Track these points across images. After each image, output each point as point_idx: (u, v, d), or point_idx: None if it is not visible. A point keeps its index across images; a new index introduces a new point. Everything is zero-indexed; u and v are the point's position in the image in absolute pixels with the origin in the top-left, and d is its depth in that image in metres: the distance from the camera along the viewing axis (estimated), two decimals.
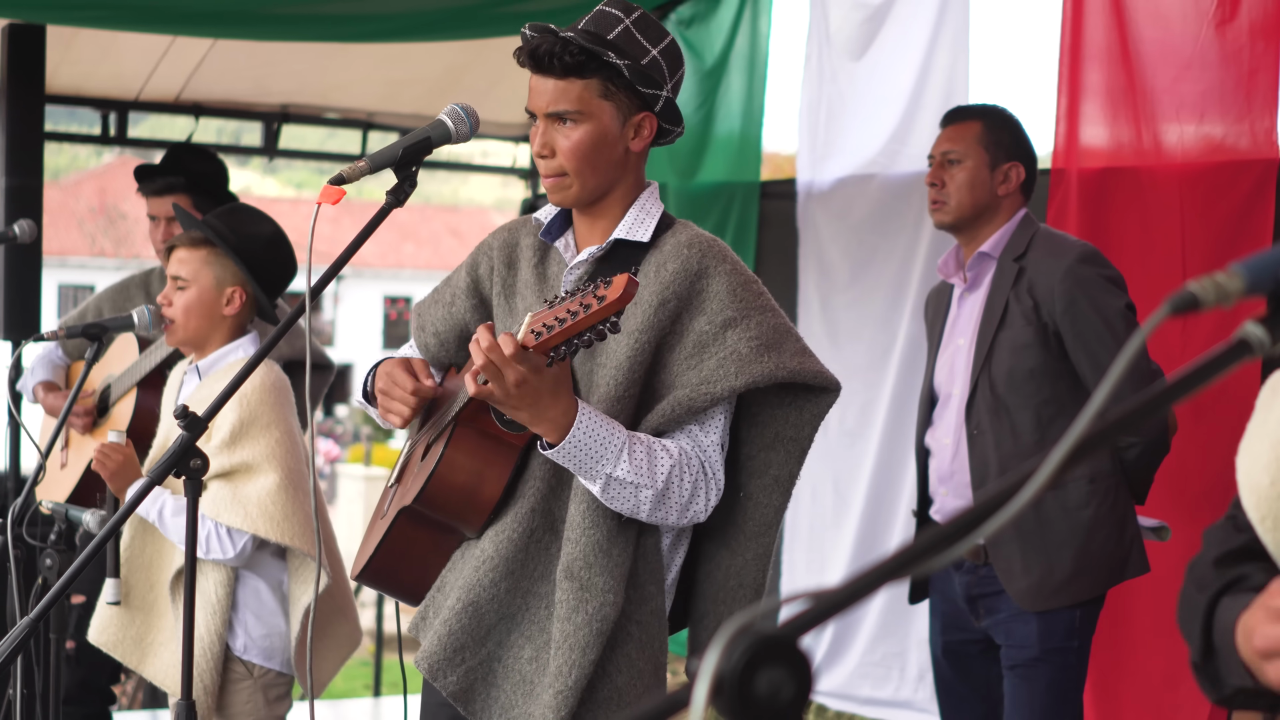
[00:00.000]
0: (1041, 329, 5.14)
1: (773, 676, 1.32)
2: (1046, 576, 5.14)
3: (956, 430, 5.30)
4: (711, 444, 3.59)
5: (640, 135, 3.65)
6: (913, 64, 7.57)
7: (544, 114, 3.61)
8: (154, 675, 5.09)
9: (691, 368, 3.56)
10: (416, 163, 3.48)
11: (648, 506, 3.49)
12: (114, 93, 9.12)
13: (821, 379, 3.63)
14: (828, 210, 8.00)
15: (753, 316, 3.58)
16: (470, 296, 3.96)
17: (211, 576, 4.89)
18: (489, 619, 3.67)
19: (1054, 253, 5.20)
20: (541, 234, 3.82)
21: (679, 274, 3.59)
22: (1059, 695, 5.19)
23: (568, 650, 3.53)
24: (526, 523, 3.64)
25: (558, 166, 3.62)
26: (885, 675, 7.62)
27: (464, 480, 3.64)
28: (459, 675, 3.69)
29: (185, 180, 6.52)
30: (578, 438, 3.37)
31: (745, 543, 3.67)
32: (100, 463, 4.88)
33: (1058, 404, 5.15)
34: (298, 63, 9.06)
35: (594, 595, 3.52)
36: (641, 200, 3.72)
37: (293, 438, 4.91)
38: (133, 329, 5.10)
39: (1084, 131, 6.61)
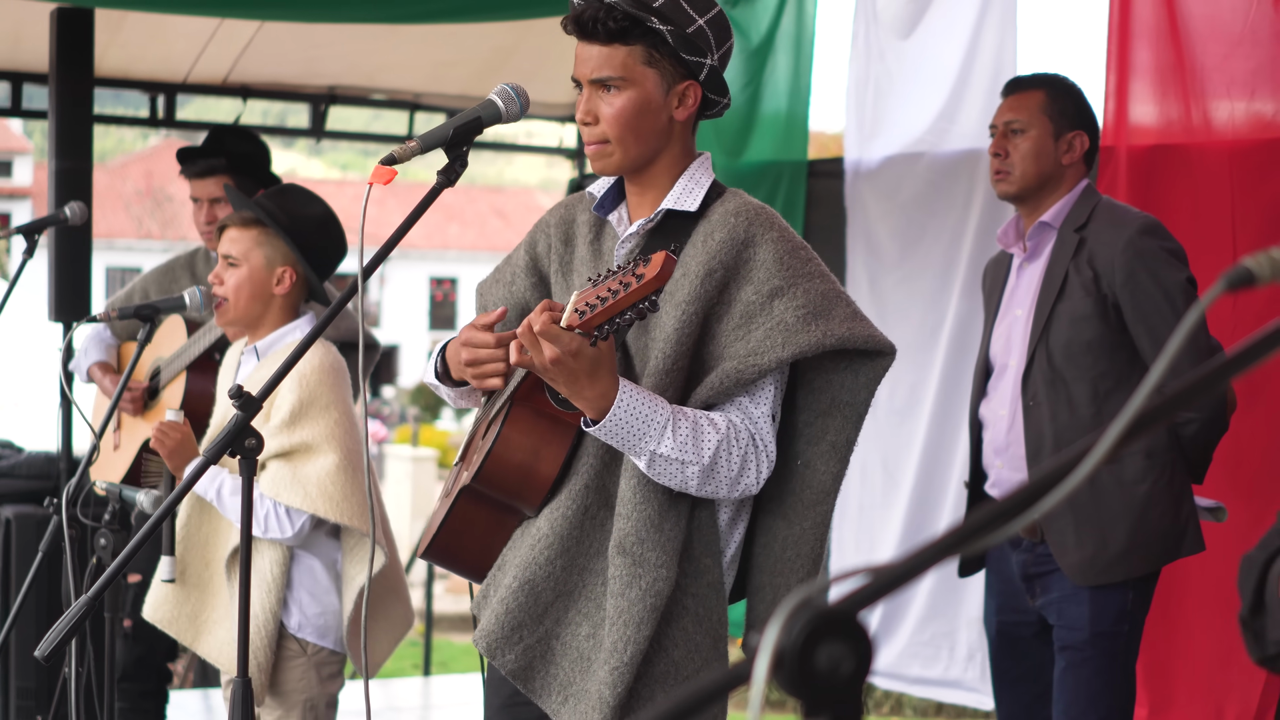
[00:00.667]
0: (1101, 300, 5.09)
1: (833, 651, 1.32)
2: (1100, 551, 5.11)
3: (1012, 402, 5.26)
4: (762, 415, 3.57)
5: (684, 104, 3.63)
6: (960, 42, 7.55)
7: (588, 81, 3.60)
8: (208, 653, 5.12)
9: (739, 339, 3.54)
10: (467, 142, 3.48)
11: (695, 481, 3.48)
12: (162, 75, 9.14)
13: (874, 342, 3.58)
14: (876, 189, 7.99)
15: (800, 284, 3.55)
16: (529, 274, 3.95)
17: (267, 555, 4.92)
18: (546, 597, 3.66)
19: (1116, 224, 5.16)
20: (594, 208, 3.81)
21: (725, 243, 3.57)
22: (1107, 680, 5.17)
23: (622, 626, 3.53)
24: (581, 499, 3.64)
25: (600, 134, 3.62)
26: (935, 655, 7.61)
27: (520, 459, 3.63)
28: (517, 653, 3.68)
29: (227, 162, 6.54)
30: (618, 416, 3.37)
31: (802, 511, 3.64)
32: (159, 441, 4.91)
33: (1115, 376, 5.11)
34: (345, 44, 9.07)
35: (647, 570, 3.52)
36: (691, 170, 3.70)
37: (351, 418, 4.93)
38: (184, 309, 5.13)
39: (1133, 109, 6.58)
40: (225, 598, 5.04)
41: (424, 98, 9.78)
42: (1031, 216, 5.32)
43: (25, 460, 7.93)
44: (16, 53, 8.60)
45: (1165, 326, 5.01)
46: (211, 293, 5.06)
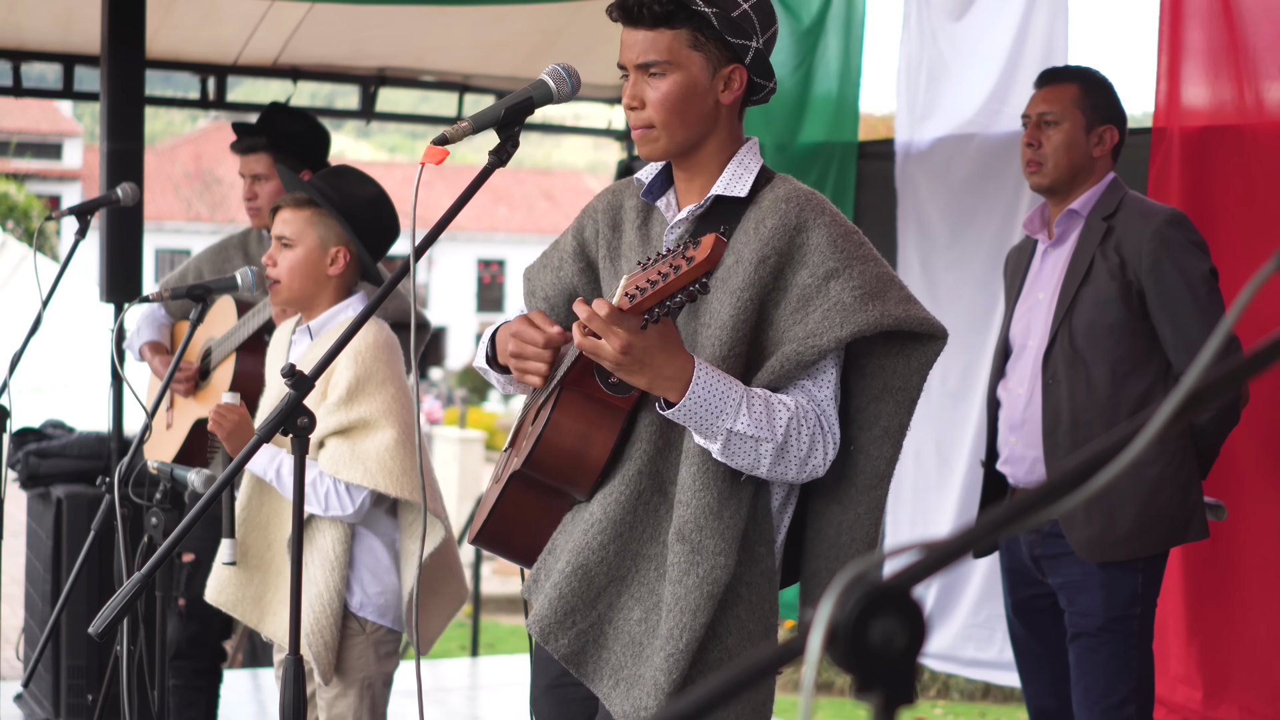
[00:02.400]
0: (1125, 286, 5.20)
1: (886, 626, 1.33)
2: (1108, 528, 5.21)
3: (1031, 380, 5.36)
4: (826, 398, 3.56)
5: (730, 88, 3.63)
6: (1012, 23, 7.53)
7: (634, 66, 3.60)
8: (273, 633, 5.15)
9: (797, 322, 3.53)
10: (518, 123, 3.48)
11: (768, 461, 3.46)
12: (212, 57, 9.18)
13: (928, 326, 3.57)
14: (927, 170, 7.97)
15: (855, 266, 3.54)
16: (577, 260, 3.95)
17: (329, 534, 4.94)
18: (599, 581, 3.66)
19: (1144, 214, 5.28)
20: (643, 194, 3.80)
21: (778, 229, 3.56)
22: (1123, 663, 5.25)
23: (679, 613, 3.52)
24: (634, 485, 3.63)
25: (646, 118, 3.61)
26: (989, 637, 7.61)
27: (570, 444, 3.63)
28: (570, 638, 3.68)
29: (267, 140, 6.56)
30: (697, 393, 3.35)
31: (857, 496, 3.63)
32: (216, 423, 4.94)
33: (1134, 360, 5.22)
34: (394, 26, 9.09)
35: (705, 558, 3.51)
36: (740, 155, 3.69)
37: (406, 394, 4.95)
38: (236, 289, 5.15)
39: (1185, 91, 6.55)
40: (288, 578, 5.05)
41: (473, 79, 9.80)
42: (1059, 206, 5.45)
43: (76, 440, 7.97)
44: (68, 35, 8.64)
45: (1186, 314, 5.13)
46: (265, 273, 5.08)
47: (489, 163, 3.45)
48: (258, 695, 8.84)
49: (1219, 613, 6.42)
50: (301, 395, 3.45)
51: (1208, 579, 6.46)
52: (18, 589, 8.70)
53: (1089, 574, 5.24)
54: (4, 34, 8.71)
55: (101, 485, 5.02)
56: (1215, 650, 6.49)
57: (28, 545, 8.14)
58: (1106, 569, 5.22)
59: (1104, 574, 5.22)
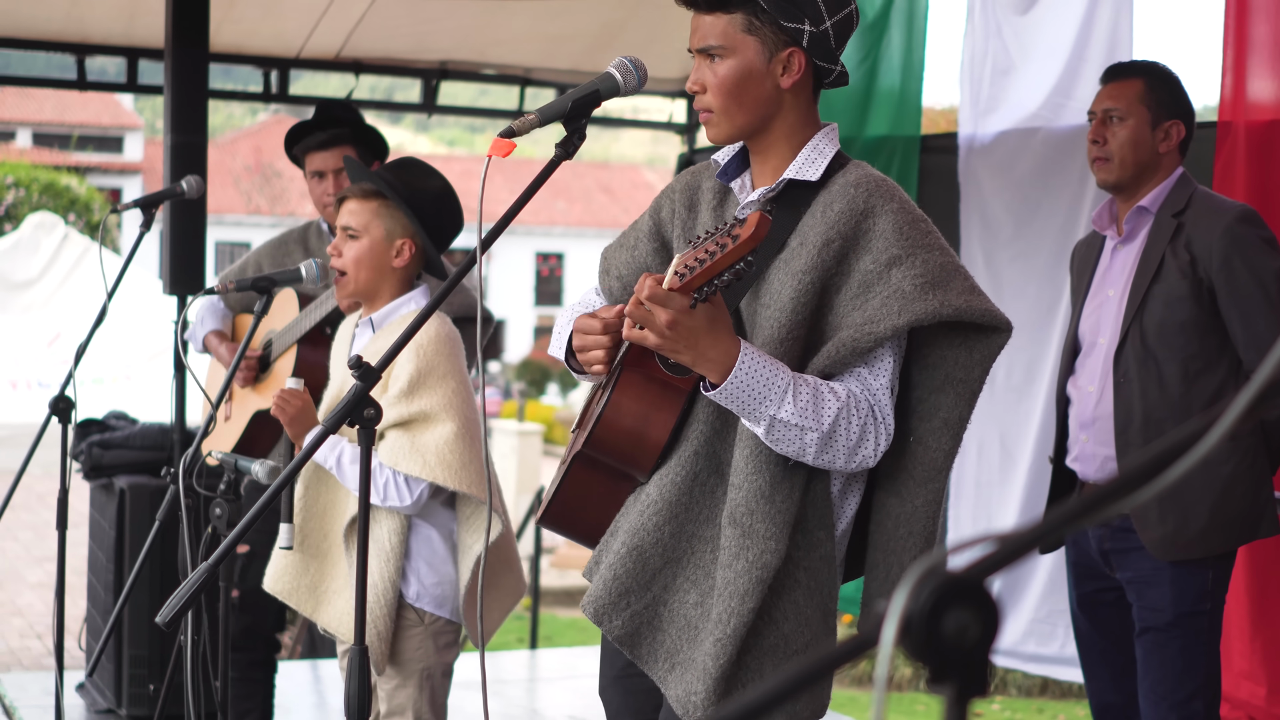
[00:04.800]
0: (1196, 284, 5.17)
1: (960, 618, 1.32)
2: (1181, 527, 5.19)
3: (1102, 377, 5.34)
4: (881, 387, 3.54)
5: (790, 71, 3.61)
6: (1076, 17, 7.53)
7: (696, 51, 3.62)
8: (328, 623, 5.16)
9: (857, 308, 3.50)
10: (585, 115, 3.47)
11: (813, 449, 3.44)
12: (275, 50, 9.23)
13: (991, 318, 3.53)
14: (990, 164, 7.96)
15: (918, 254, 3.51)
16: (652, 240, 3.95)
17: (385, 525, 4.95)
18: (654, 563, 3.66)
19: (1214, 211, 5.24)
20: (718, 175, 3.80)
21: (844, 214, 3.54)
22: (1192, 659, 5.24)
23: (728, 598, 3.51)
24: (690, 466, 3.63)
25: (706, 103, 3.63)
26: (1051, 632, 7.60)
27: (630, 424, 3.64)
28: (624, 619, 3.68)
29: (351, 131, 6.57)
30: (740, 378, 3.34)
31: (914, 489, 3.60)
32: (280, 408, 4.95)
33: (1205, 358, 5.19)
34: (456, 19, 9.12)
35: (755, 542, 3.50)
36: (815, 140, 3.68)
37: (467, 388, 4.96)
38: (300, 281, 5.16)
39: (1251, 85, 6.53)
40: (344, 568, 5.07)
41: (534, 73, 9.82)
42: (1128, 202, 5.41)
43: (139, 431, 8.01)
44: (132, 29, 8.69)
45: (1257, 312, 5.11)
46: (330, 265, 5.09)
47: (555, 155, 3.46)
48: (317, 686, 8.87)
49: None
50: (368, 387, 3.47)
51: (1272, 575, 6.44)
52: (80, 580, 8.75)
53: (1159, 569, 5.22)
54: (68, 28, 8.78)
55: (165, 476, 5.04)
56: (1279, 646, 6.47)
57: (90, 536, 8.18)
58: (1177, 565, 5.20)
59: (1175, 570, 5.20)
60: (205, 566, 3.35)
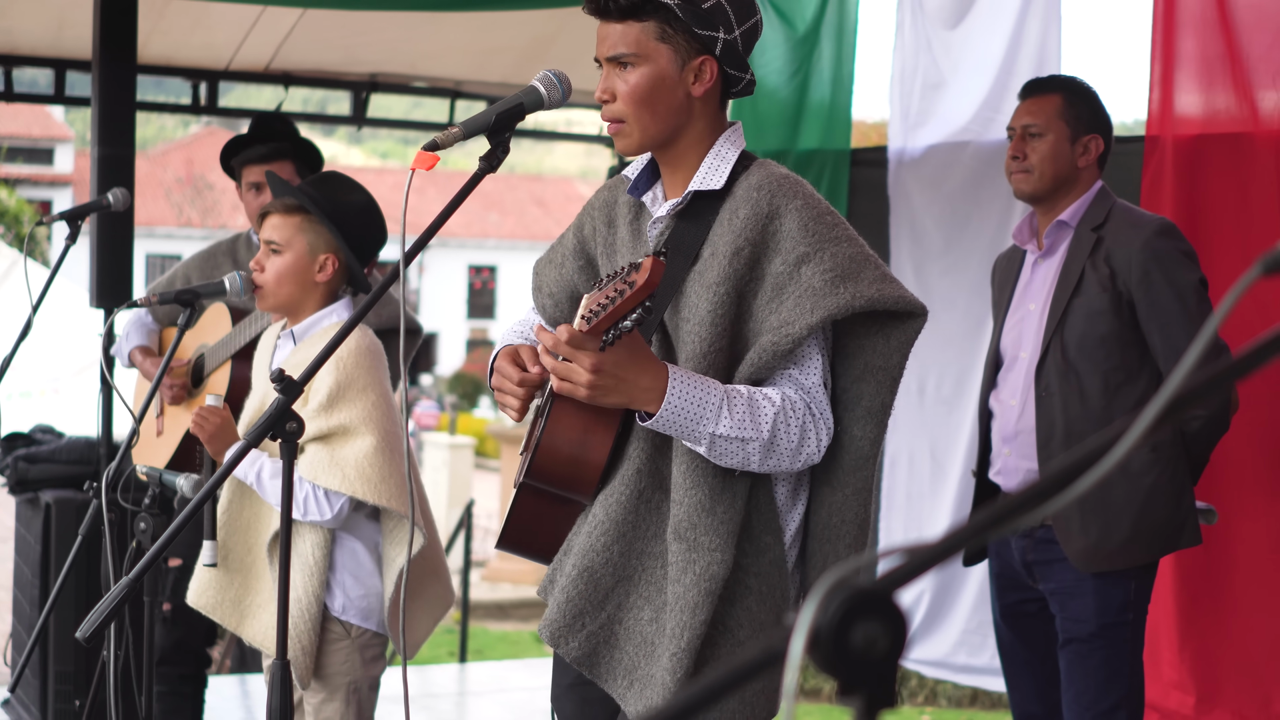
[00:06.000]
0: (1116, 297, 5.21)
1: (868, 630, 1.33)
2: (1104, 539, 5.23)
3: (1024, 391, 5.38)
4: (814, 384, 3.55)
5: (702, 79, 3.61)
6: (1005, 31, 7.56)
7: (606, 59, 3.60)
8: (252, 637, 5.15)
9: (773, 311, 3.52)
10: (509, 129, 3.48)
11: (757, 458, 3.45)
12: (205, 62, 9.20)
13: (905, 304, 3.54)
14: (920, 178, 7.99)
15: (827, 249, 3.51)
16: (577, 257, 3.95)
17: (309, 538, 4.93)
18: (605, 583, 3.66)
19: (1133, 224, 5.28)
20: (629, 190, 3.79)
21: (750, 219, 3.54)
22: (1114, 670, 5.28)
23: (679, 612, 3.52)
24: (634, 484, 3.64)
25: (617, 112, 3.61)
26: (982, 643, 7.62)
27: (568, 451, 3.63)
28: (580, 641, 3.69)
29: (290, 145, 6.55)
30: (674, 402, 3.35)
31: (844, 477, 3.62)
32: (199, 425, 4.93)
33: (1126, 371, 5.23)
34: (386, 32, 9.10)
35: (701, 555, 3.51)
36: (718, 146, 3.67)
37: (388, 400, 4.94)
38: (224, 295, 5.14)
39: (1179, 99, 6.57)
40: (269, 582, 5.06)
41: (465, 85, 9.82)
42: (1048, 216, 5.44)
43: (65, 445, 7.95)
44: (60, 40, 8.65)
45: (1177, 324, 5.15)
46: (252, 278, 5.07)
47: (480, 168, 3.46)
48: (245, 701, 8.84)
49: (1211, 618, 6.44)
50: (290, 400, 3.46)
51: (1200, 585, 6.48)
52: (6, 594, 8.71)
53: (1082, 580, 5.25)
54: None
55: (90, 490, 5.00)
56: (1207, 656, 6.51)
57: (16, 551, 8.13)
58: (1100, 576, 5.23)
59: (1097, 581, 5.23)
60: (125, 581, 3.33)
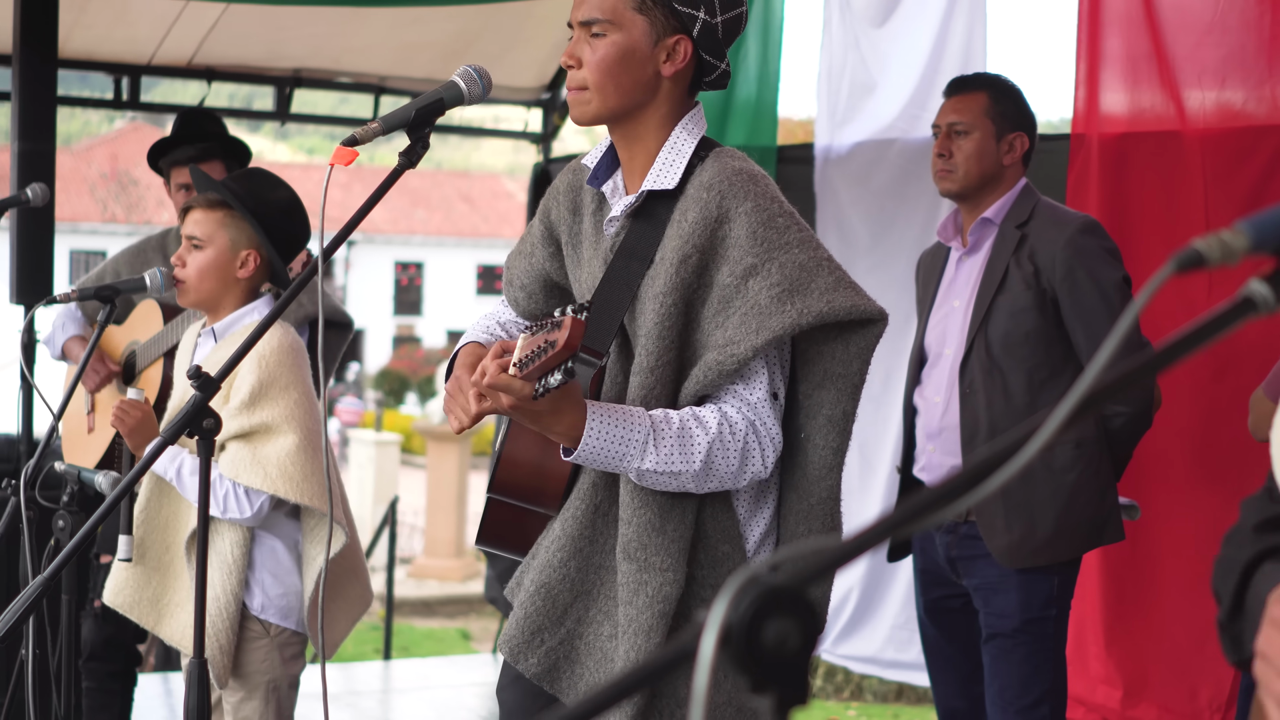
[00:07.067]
0: (1040, 294, 5.24)
1: (780, 627, 1.32)
2: (1028, 535, 5.25)
3: (948, 389, 5.40)
4: (759, 400, 3.45)
5: (674, 59, 3.51)
6: (931, 30, 7.59)
7: (578, 23, 3.50)
8: (169, 636, 5.11)
9: (719, 326, 3.42)
10: (429, 124, 3.45)
11: (692, 486, 3.39)
12: (126, 57, 9.12)
13: (859, 312, 3.44)
14: (846, 175, 8.01)
15: (775, 259, 3.41)
16: (547, 245, 3.87)
17: (228, 537, 4.90)
18: (563, 598, 3.61)
19: (1057, 222, 5.31)
20: (589, 181, 3.70)
21: (699, 224, 3.44)
22: (1038, 665, 5.31)
23: (632, 635, 3.46)
24: (590, 498, 3.57)
25: (580, 79, 3.51)
26: (909, 639, 7.65)
27: (530, 463, 3.60)
28: (539, 656, 3.64)
29: (219, 145, 6.52)
30: (590, 444, 3.28)
31: (810, 486, 3.54)
32: (118, 419, 4.90)
33: (1050, 368, 5.26)
34: (310, 27, 9.05)
35: (653, 576, 3.44)
36: (674, 137, 3.57)
37: (310, 399, 4.92)
38: (145, 290, 5.10)
39: (1104, 97, 6.61)
40: (186, 580, 5.02)
41: (389, 81, 9.78)
42: (972, 213, 5.47)
43: None
44: None
45: (1099, 321, 5.17)
46: (173, 274, 5.03)
47: (399, 164, 3.43)
48: (168, 700, 8.78)
49: (1138, 613, 6.48)
50: (207, 397, 3.43)
51: (1127, 581, 6.52)
52: None
53: (1005, 576, 5.27)
54: None
55: (7, 487, 4.96)
56: (1134, 651, 6.56)
57: None
58: (1023, 571, 5.25)
59: (1020, 576, 5.26)
60: (40, 579, 3.30)
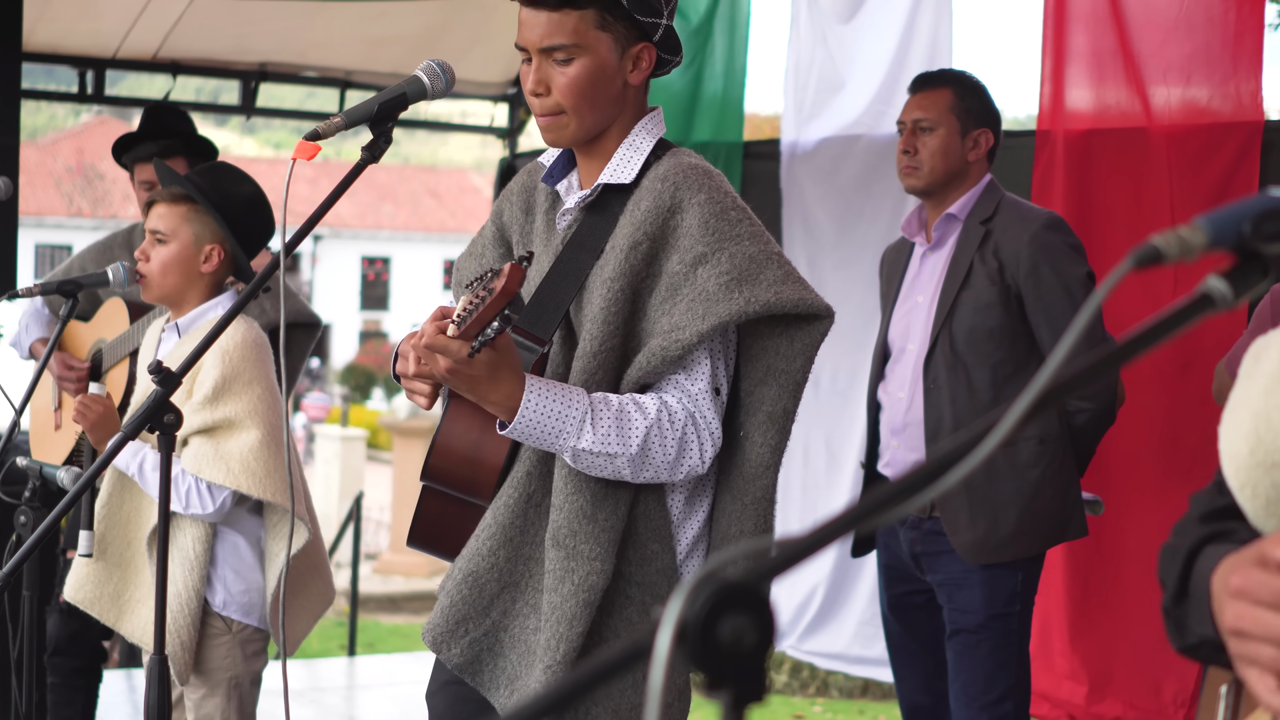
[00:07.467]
0: (1004, 290, 5.25)
1: (736, 623, 1.32)
2: (992, 531, 5.27)
3: (912, 384, 5.40)
4: (700, 391, 3.41)
5: (639, 67, 3.48)
6: (897, 26, 7.60)
7: (537, 50, 3.43)
8: (131, 632, 5.08)
9: (665, 313, 3.39)
10: (392, 119, 3.43)
11: (627, 471, 3.36)
12: (92, 50, 9.08)
13: (806, 306, 3.40)
14: (813, 171, 8.02)
15: (726, 249, 3.38)
16: (497, 245, 3.84)
17: (189, 533, 4.88)
18: (490, 589, 3.57)
19: (1021, 218, 5.32)
20: (543, 179, 3.67)
21: (650, 212, 3.42)
22: (1002, 660, 5.32)
23: (555, 623, 3.43)
24: (523, 487, 3.53)
25: (554, 105, 3.45)
26: (875, 634, 7.65)
27: (464, 451, 3.55)
28: (463, 647, 3.60)
29: (183, 141, 6.48)
30: (527, 417, 3.26)
31: (745, 485, 3.49)
32: (80, 414, 4.88)
33: (1014, 364, 5.27)
34: (276, 21, 9.03)
35: (580, 564, 3.41)
36: (632, 137, 3.55)
37: (274, 394, 4.90)
38: (108, 285, 5.08)
39: (1069, 94, 6.63)
40: (148, 576, 4.99)
41: (355, 75, 9.76)
42: (937, 209, 5.48)
43: None
44: None
45: (1064, 317, 5.19)
46: (136, 269, 5.01)
47: (361, 159, 3.42)
48: (132, 696, 8.75)
49: (1102, 609, 6.51)
50: (168, 392, 3.42)
51: (1091, 577, 6.54)
52: None
53: (969, 572, 5.28)
54: None
55: None
56: (1099, 646, 6.58)
57: None
58: (987, 568, 5.26)
59: (985, 572, 5.27)
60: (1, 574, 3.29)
